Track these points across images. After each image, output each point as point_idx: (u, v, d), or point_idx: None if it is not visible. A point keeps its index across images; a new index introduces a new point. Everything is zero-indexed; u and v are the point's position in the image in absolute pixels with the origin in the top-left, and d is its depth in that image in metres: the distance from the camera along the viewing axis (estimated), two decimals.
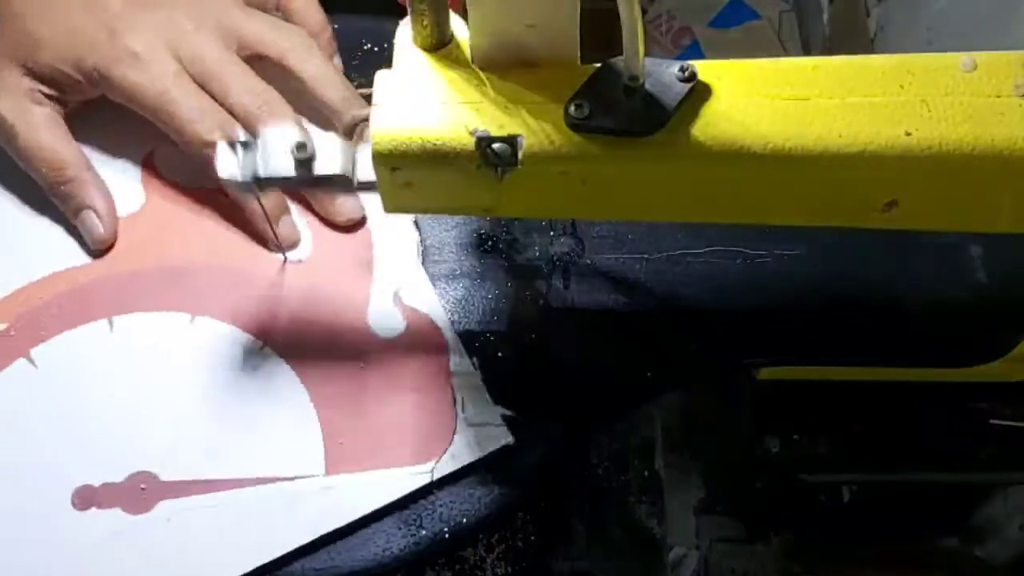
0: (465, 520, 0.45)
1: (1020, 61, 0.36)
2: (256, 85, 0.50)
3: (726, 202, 0.39)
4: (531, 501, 0.49)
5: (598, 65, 0.38)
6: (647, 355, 0.49)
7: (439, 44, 0.39)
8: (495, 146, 0.36)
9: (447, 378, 0.48)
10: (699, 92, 0.37)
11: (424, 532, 0.45)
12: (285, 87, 0.51)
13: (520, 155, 0.37)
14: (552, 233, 0.53)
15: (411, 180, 0.38)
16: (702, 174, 0.38)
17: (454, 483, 0.45)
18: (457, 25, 0.39)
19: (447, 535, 0.45)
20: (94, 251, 0.51)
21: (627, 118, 0.36)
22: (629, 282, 0.51)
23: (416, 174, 0.38)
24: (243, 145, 0.41)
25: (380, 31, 0.59)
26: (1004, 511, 0.47)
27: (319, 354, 0.48)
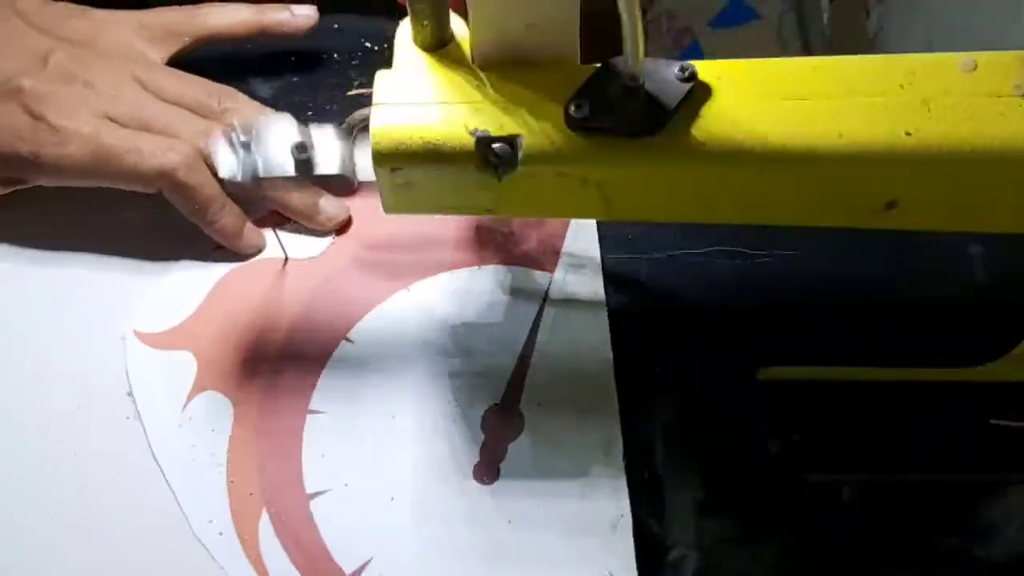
0: None
1: (1020, 61, 0.36)
2: (200, 124, 0.49)
3: (726, 202, 0.39)
4: None
5: (598, 65, 0.38)
6: (647, 355, 0.49)
7: (439, 44, 0.39)
8: (495, 146, 0.36)
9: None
10: (699, 92, 0.37)
11: None
12: None
13: (520, 155, 0.37)
14: None
15: (411, 180, 0.38)
16: (702, 174, 0.38)
17: None
18: (457, 25, 0.39)
19: None
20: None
21: (627, 118, 0.36)
22: (629, 282, 0.51)
23: (416, 174, 0.38)
24: (243, 145, 0.41)
25: (380, 31, 0.59)
26: (1004, 511, 0.47)
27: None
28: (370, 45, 0.59)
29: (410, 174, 0.38)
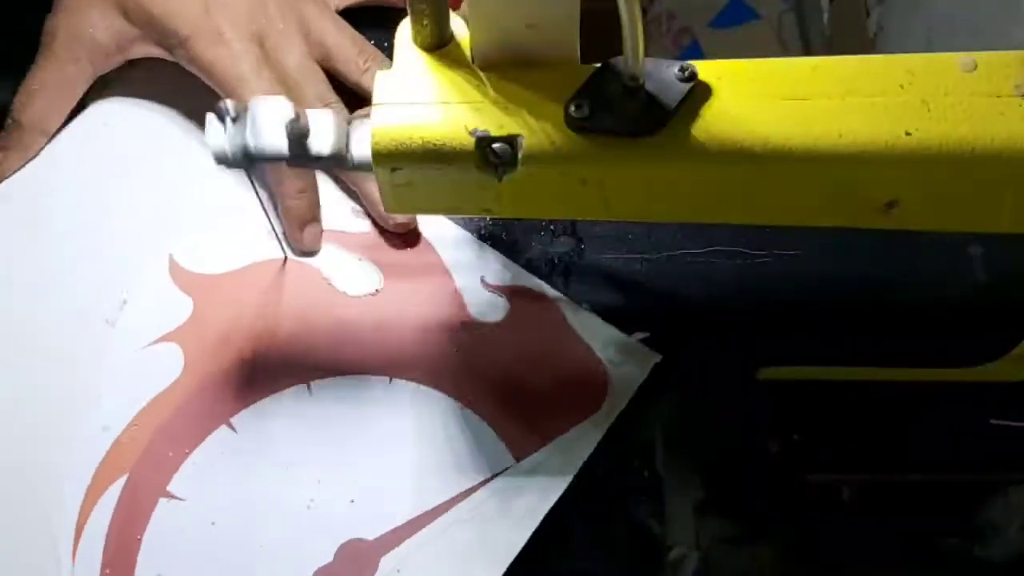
0: None
1: (1020, 61, 0.36)
2: (328, 95, 0.51)
3: (726, 202, 0.39)
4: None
5: (598, 65, 0.37)
6: (647, 355, 0.49)
7: (439, 44, 0.39)
8: (495, 146, 0.36)
9: (572, 330, 0.49)
10: (699, 92, 0.37)
11: None
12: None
13: (520, 155, 0.37)
14: (552, 232, 0.53)
15: (411, 180, 0.38)
16: (702, 174, 0.38)
17: None
18: (457, 25, 0.39)
19: None
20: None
21: (627, 118, 0.36)
22: (629, 282, 0.51)
23: (416, 174, 0.38)
24: (233, 120, 0.39)
25: (380, 31, 0.59)
26: (1004, 511, 0.47)
27: (442, 364, 0.49)
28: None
29: (410, 174, 0.38)
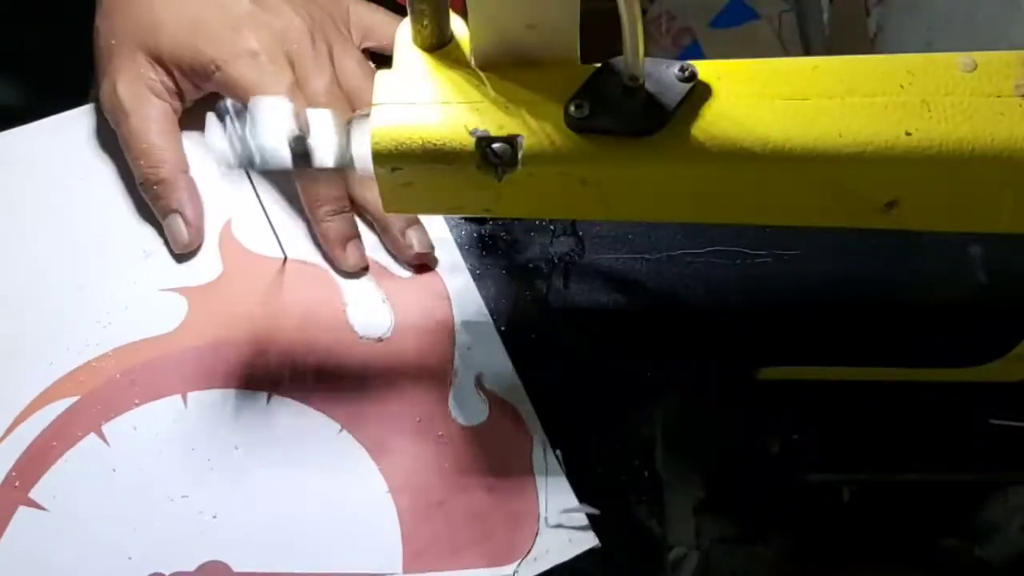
0: None
1: (1020, 61, 0.36)
2: (371, 79, 0.51)
3: (726, 202, 0.39)
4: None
5: (598, 65, 0.37)
6: (647, 355, 0.49)
7: (439, 44, 0.39)
8: (495, 146, 0.36)
9: (530, 472, 0.46)
10: (699, 92, 0.37)
11: None
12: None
13: (520, 155, 0.37)
14: (552, 232, 0.53)
15: (411, 180, 0.38)
16: (702, 174, 0.38)
17: None
18: (457, 25, 0.39)
19: None
20: (177, 255, 0.52)
21: (627, 118, 0.36)
22: (629, 282, 0.51)
23: (416, 174, 0.38)
24: (237, 132, 0.39)
25: None
26: (1004, 511, 0.47)
27: (398, 440, 0.46)
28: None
29: (410, 174, 0.38)
